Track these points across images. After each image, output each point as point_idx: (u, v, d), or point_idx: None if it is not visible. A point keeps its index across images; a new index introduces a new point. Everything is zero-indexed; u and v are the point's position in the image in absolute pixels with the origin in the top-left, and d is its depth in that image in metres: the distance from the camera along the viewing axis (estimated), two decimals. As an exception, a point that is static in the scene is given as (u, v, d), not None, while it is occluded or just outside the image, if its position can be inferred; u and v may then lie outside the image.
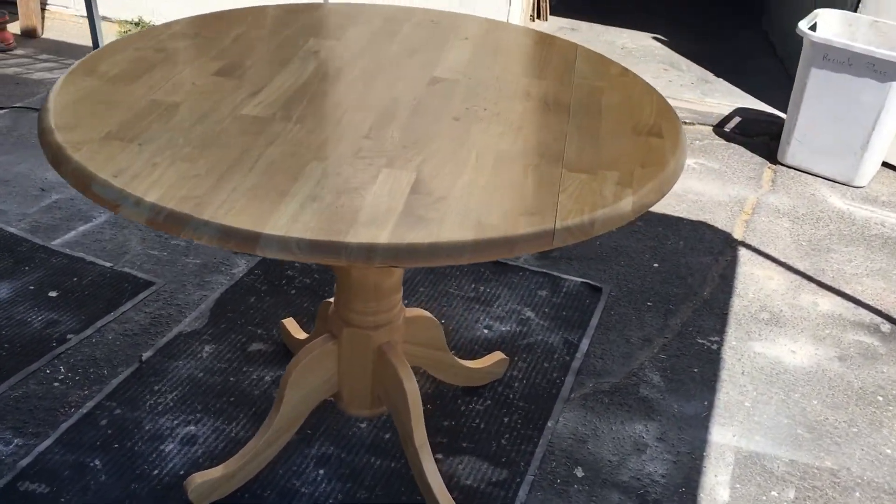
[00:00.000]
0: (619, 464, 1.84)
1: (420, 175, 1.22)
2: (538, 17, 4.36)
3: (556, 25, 4.34)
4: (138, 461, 1.75)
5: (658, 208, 2.86)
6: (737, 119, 3.55)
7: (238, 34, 1.67)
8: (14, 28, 3.80)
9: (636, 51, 4.13)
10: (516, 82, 1.56)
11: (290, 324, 2.06)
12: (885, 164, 3.26)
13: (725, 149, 3.34)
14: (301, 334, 2.03)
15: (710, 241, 2.70)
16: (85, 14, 4.04)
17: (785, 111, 3.29)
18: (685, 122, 3.51)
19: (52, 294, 2.21)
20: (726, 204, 2.94)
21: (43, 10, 4.03)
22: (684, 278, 2.50)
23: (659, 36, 4.36)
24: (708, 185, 3.05)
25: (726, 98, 3.70)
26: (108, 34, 3.75)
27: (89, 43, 3.57)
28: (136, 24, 4.02)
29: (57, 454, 1.75)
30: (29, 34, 3.82)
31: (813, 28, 3.15)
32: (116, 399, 1.90)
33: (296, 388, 1.66)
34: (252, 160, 1.22)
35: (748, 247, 2.69)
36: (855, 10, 3.31)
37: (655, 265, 2.55)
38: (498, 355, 2.02)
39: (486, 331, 2.21)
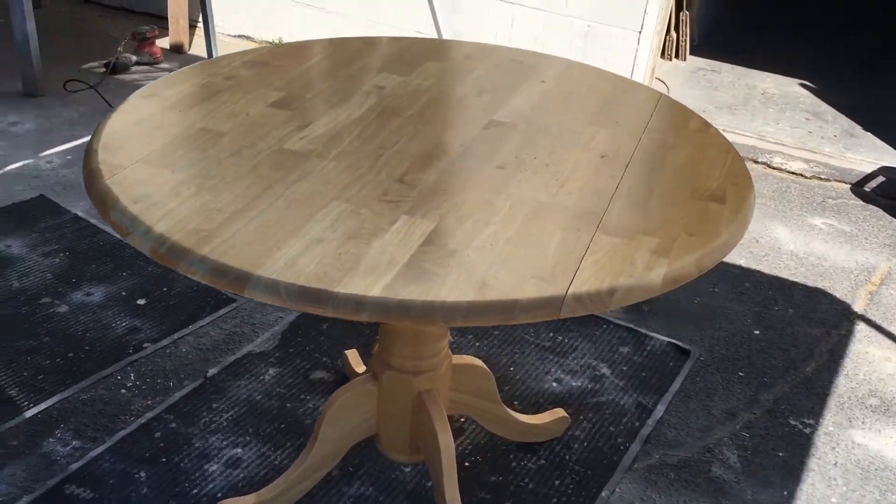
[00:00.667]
0: (672, 548, 1.69)
1: (440, 225, 1.16)
2: (676, 56, 4.19)
3: (695, 66, 4.15)
4: (181, 478, 1.77)
5: (772, 270, 2.65)
6: (880, 178, 3.26)
7: (310, 65, 1.67)
8: (164, 43, 4.03)
9: (778, 97, 3.89)
10: (579, 131, 1.47)
11: (353, 355, 2.04)
12: None
13: (861, 210, 3.07)
14: (361, 367, 2.00)
15: (824, 312, 2.47)
16: (232, 33, 4.24)
17: (934, 174, 2.99)
18: (819, 178, 3.26)
19: (140, 301, 2.29)
20: (851, 271, 2.68)
21: (193, 27, 4.25)
22: (787, 350, 2.29)
23: (806, 82, 4.09)
24: (834, 249, 2.81)
25: (872, 154, 3.41)
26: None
27: (226, 61, 3.72)
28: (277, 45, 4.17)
29: (107, 461, 1.79)
30: (177, 49, 4.04)
31: (972, 85, 2.84)
32: (175, 412, 1.93)
33: (332, 426, 1.63)
34: (275, 196, 1.20)
35: (868, 322, 2.45)
36: None
37: (757, 332, 2.36)
38: (558, 412, 1.92)
39: (554, 384, 2.10)
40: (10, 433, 1.84)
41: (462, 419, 1.96)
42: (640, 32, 3.32)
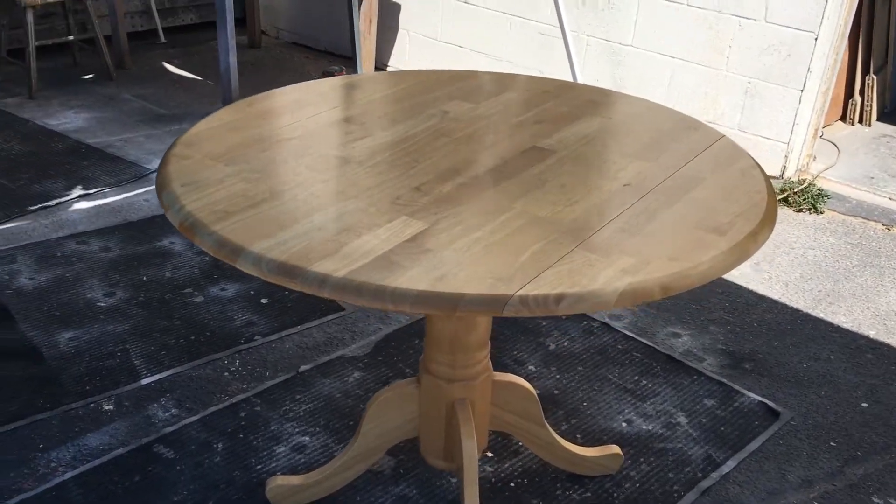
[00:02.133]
0: None
1: (431, 227, 1.26)
2: (860, 121, 3.97)
3: (879, 132, 3.91)
4: (250, 454, 1.95)
5: (905, 345, 2.46)
6: None
7: (397, 90, 1.83)
8: (352, 82, 4.40)
9: (970, 171, 3.57)
10: (615, 162, 1.51)
11: (429, 369, 2.15)
12: None
13: None
14: (433, 381, 2.10)
15: (953, 395, 2.26)
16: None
17: None
18: None
19: (263, 301, 2.54)
20: None
21: (381, 69, 4.61)
22: (894, 428, 2.12)
23: None
24: None
25: None
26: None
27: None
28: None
29: (195, 430, 2.02)
30: (363, 88, 4.40)
31: None
32: (262, 398, 2.13)
33: (373, 422, 1.74)
34: (301, 191, 1.36)
35: None
36: None
37: (864, 405, 2.20)
38: (612, 448, 1.91)
39: (624, 424, 2.09)
40: (125, 395, 2.12)
41: (519, 442, 2.00)
42: (801, 91, 3.21)
